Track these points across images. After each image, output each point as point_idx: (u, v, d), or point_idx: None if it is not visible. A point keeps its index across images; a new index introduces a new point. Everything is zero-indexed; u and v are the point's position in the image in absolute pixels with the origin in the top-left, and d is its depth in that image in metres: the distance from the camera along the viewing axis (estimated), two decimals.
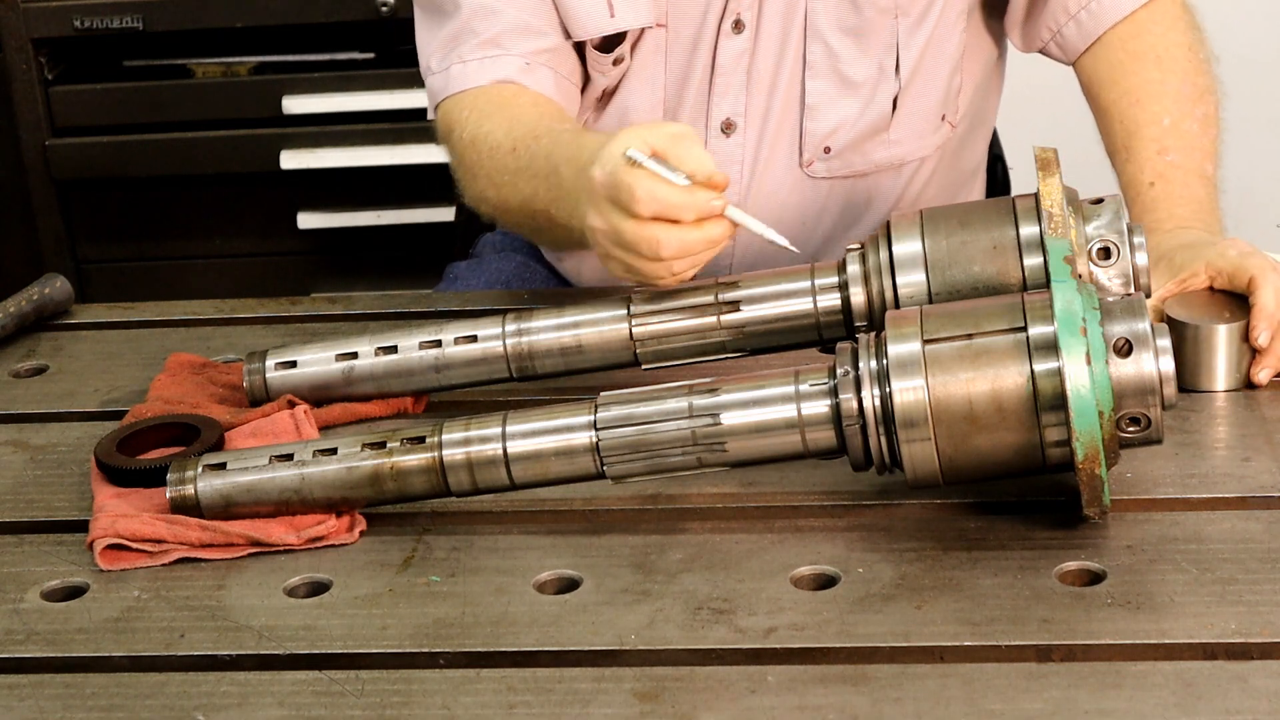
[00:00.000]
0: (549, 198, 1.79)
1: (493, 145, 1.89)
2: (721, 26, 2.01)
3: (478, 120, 1.93)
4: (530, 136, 1.85)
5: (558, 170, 1.77)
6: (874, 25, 2.02)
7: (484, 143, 1.90)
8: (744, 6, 2.00)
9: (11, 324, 2.02)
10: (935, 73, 2.08)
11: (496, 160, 1.88)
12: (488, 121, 1.92)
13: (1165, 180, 1.96)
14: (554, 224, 1.81)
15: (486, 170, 1.90)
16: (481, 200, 1.95)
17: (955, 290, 1.61)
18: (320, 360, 1.79)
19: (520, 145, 1.85)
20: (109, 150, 3.47)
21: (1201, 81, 2.02)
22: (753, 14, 2.01)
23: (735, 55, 2.02)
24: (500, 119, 1.91)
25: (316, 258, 3.60)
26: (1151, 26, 2.03)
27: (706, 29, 2.01)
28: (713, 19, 2.01)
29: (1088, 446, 1.42)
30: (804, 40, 2.03)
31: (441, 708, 1.35)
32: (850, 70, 2.04)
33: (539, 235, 1.97)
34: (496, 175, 1.88)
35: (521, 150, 1.85)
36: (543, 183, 1.80)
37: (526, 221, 1.89)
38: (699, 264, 1.64)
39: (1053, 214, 1.54)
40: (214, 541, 1.56)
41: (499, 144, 1.88)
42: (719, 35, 2.02)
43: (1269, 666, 1.34)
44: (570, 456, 1.55)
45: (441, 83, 1.99)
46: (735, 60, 2.03)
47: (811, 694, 1.34)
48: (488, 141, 1.90)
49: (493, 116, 1.92)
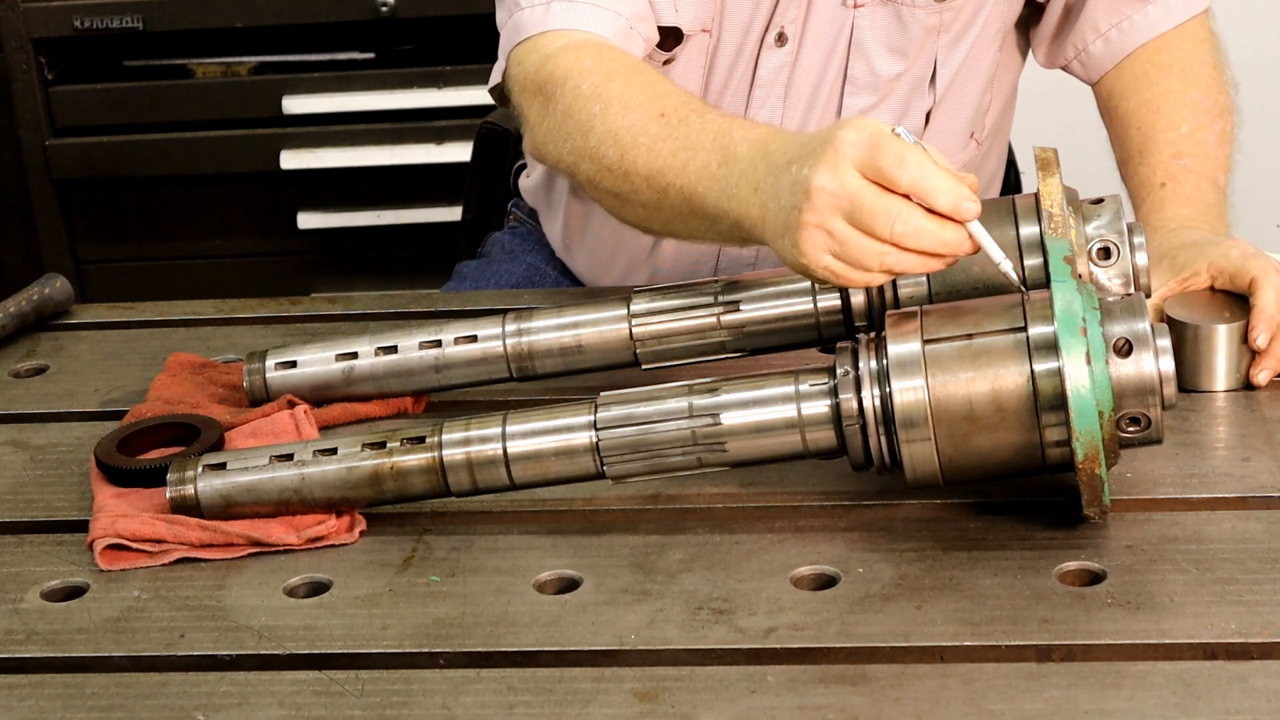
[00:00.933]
0: (702, 173, 1.66)
1: (629, 103, 1.74)
2: (765, 39, 2.00)
3: (607, 73, 1.78)
4: (687, 108, 1.73)
5: (732, 147, 1.64)
6: (917, 42, 2.01)
7: (617, 99, 1.75)
8: (789, 20, 1.99)
9: (11, 324, 2.02)
10: (968, 90, 2.08)
11: (632, 119, 1.73)
12: (620, 79, 1.78)
13: (1176, 181, 1.96)
14: (688, 203, 1.68)
15: (613, 127, 1.74)
16: (588, 158, 1.77)
17: (955, 290, 1.61)
18: (320, 360, 1.79)
19: (671, 113, 1.72)
20: (109, 150, 3.47)
21: (1222, 100, 2.03)
22: (797, 28, 1.99)
23: (776, 68, 2.02)
24: (640, 81, 1.78)
25: (316, 258, 3.60)
26: (1179, 43, 2.04)
27: (749, 40, 2.01)
28: (756, 30, 2.00)
29: (1088, 446, 1.42)
30: (847, 56, 2.02)
31: (441, 708, 1.35)
32: (889, 86, 2.03)
33: (648, 211, 1.77)
34: (627, 134, 1.72)
35: (673, 118, 1.71)
36: (699, 155, 1.66)
37: (645, 192, 1.73)
38: (906, 267, 1.51)
39: (1053, 214, 1.54)
40: (214, 541, 1.56)
41: (640, 104, 1.74)
42: (761, 47, 2.01)
43: (1269, 666, 1.34)
44: (570, 456, 1.55)
45: (538, 16, 1.85)
46: (775, 73, 2.02)
47: (811, 694, 1.34)
48: (622, 99, 1.75)
49: (626, 76, 1.78)
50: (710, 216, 1.66)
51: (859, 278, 1.53)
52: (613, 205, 1.81)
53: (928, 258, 1.50)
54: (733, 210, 1.63)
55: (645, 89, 1.76)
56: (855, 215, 1.49)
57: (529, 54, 1.85)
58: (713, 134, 1.67)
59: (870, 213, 1.48)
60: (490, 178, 2.47)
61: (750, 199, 1.60)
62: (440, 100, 3.38)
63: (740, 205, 1.62)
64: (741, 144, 1.64)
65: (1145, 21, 2.05)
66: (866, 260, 1.51)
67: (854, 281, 1.53)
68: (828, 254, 1.52)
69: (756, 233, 1.61)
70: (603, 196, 1.81)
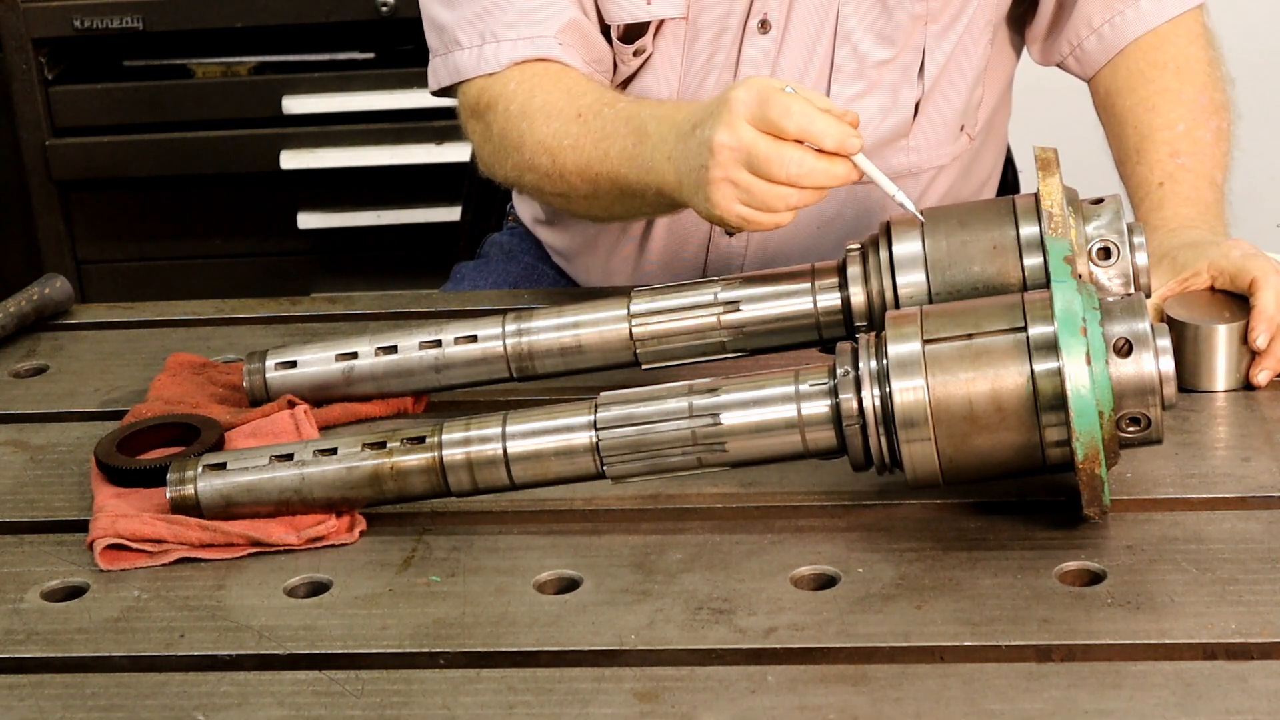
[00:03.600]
0: (622, 156, 1.81)
1: (551, 113, 1.89)
2: (747, 25, 2.01)
3: (529, 92, 1.93)
4: (600, 104, 1.87)
5: (642, 127, 1.80)
6: (904, 29, 2.02)
7: (540, 112, 1.90)
8: (771, 6, 2.00)
9: (11, 324, 2.02)
10: (958, 82, 2.08)
11: (555, 126, 1.88)
12: (541, 92, 1.92)
13: (1174, 181, 1.96)
14: (616, 185, 1.83)
15: (540, 137, 1.89)
16: (528, 169, 1.93)
17: (955, 290, 1.61)
18: (320, 360, 1.79)
19: (587, 112, 1.87)
20: (109, 150, 3.47)
21: (1218, 97, 2.03)
22: (781, 14, 2.00)
23: (760, 55, 2.02)
24: (557, 90, 1.92)
25: (316, 258, 3.60)
26: (1173, 39, 2.04)
27: (730, 26, 2.01)
28: (737, 16, 2.01)
29: (1088, 446, 1.42)
30: (833, 43, 2.02)
31: (441, 708, 1.35)
32: (876, 74, 2.04)
33: (589, 202, 1.93)
34: (553, 140, 1.88)
35: (589, 116, 1.86)
36: (616, 142, 1.82)
37: (580, 186, 1.88)
38: (807, 202, 1.66)
39: (1053, 214, 1.54)
40: (214, 541, 1.56)
41: (560, 110, 1.89)
42: (744, 34, 2.01)
43: (1269, 666, 1.34)
44: (570, 456, 1.55)
45: (472, 60, 1.98)
46: (760, 60, 2.02)
47: (811, 694, 1.34)
48: (545, 110, 1.90)
49: (546, 88, 1.92)
50: (637, 193, 1.83)
51: (768, 219, 1.68)
52: (560, 204, 1.99)
53: (823, 187, 1.66)
54: (652, 182, 1.79)
55: (563, 95, 1.91)
56: (754, 164, 1.65)
57: (469, 87, 2.02)
58: (624, 119, 1.83)
59: (766, 160, 1.64)
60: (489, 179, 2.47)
61: (665, 167, 1.76)
62: (440, 100, 3.37)
63: (658, 176, 1.78)
64: (650, 121, 1.80)
65: (1138, 16, 2.05)
66: (772, 202, 1.67)
67: (764, 224, 1.68)
68: (737, 203, 1.68)
69: (676, 196, 1.77)
70: (549, 199, 1.99)
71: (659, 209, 1.90)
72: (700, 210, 1.72)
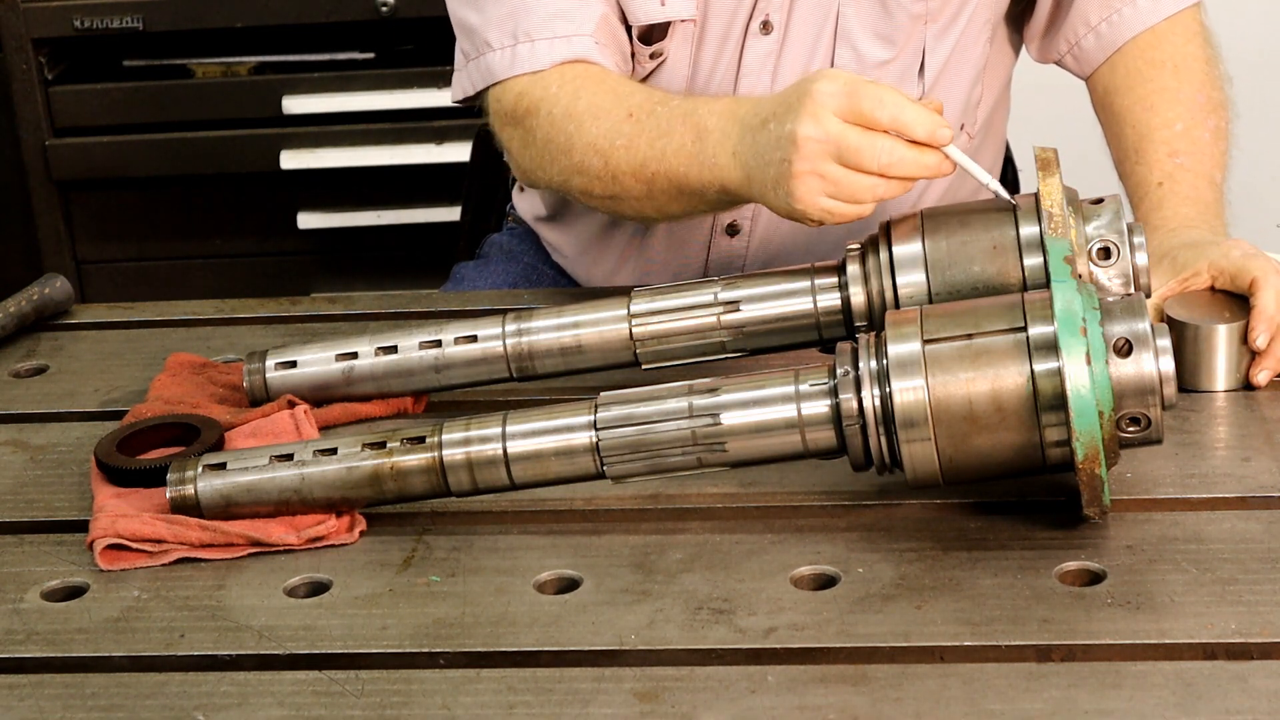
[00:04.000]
0: (680, 154, 1.78)
1: (599, 113, 1.86)
2: (750, 26, 2.01)
3: (573, 93, 1.89)
4: (651, 102, 1.84)
5: (702, 124, 1.77)
6: (904, 30, 2.02)
7: (587, 113, 1.87)
8: (774, 8, 2.00)
9: (11, 324, 2.02)
10: (958, 81, 2.08)
11: (605, 126, 1.85)
12: (586, 94, 1.88)
13: (1173, 180, 1.96)
14: (674, 185, 1.80)
15: (590, 139, 1.85)
16: (576, 173, 1.88)
17: (955, 290, 1.61)
18: (320, 360, 1.79)
19: (639, 111, 1.84)
20: (109, 150, 3.47)
21: (1216, 95, 2.03)
22: (782, 15, 2.00)
23: (762, 56, 2.02)
24: (602, 90, 1.88)
25: (316, 258, 3.60)
26: (1171, 37, 2.04)
27: (735, 27, 2.01)
28: (741, 17, 2.01)
29: (1088, 446, 1.42)
30: (833, 43, 2.02)
31: (441, 708, 1.35)
32: (876, 74, 2.04)
33: (642, 203, 1.88)
34: (604, 141, 1.84)
35: (641, 115, 1.83)
36: (674, 139, 1.79)
37: (634, 188, 1.84)
38: (894, 193, 1.65)
39: (1053, 214, 1.54)
40: (214, 541, 1.56)
41: (608, 111, 1.86)
42: (746, 35, 2.01)
43: (1269, 666, 1.34)
44: (570, 456, 1.55)
45: (505, 61, 1.94)
46: (761, 61, 2.02)
47: (811, 694, 1.34)
48: (592, 111, 1.86)
49: (591, 89, 1.89)
50: (697, 191, 1.80)
51: (853, 210, 1.67)
52: (609, 207, 1.92)
53: (914, 178, 1.65)
54: (716, 178, 1.77)
55: (609, 96, 1.87)
56: (844, 156, 1.64)
57: (504, 92, 1.95)
58: (680, 116, 1.80)
59: (857, 151, 1.63)
60: (489, 179, 2.47)
61: (730, 163, 1.74)
62: (440, 100, 3.37)
63: (722, 171, 1.75)
64: (709, 117, 1.78)
65: (1135, 14, 2.05)
66: (860, 194, 1.65)
67: (849, 216, 1.67)
68: (823, 196, 1.66)
69: (744, 192, 1.76)
70: (598, 203, 1.92)
71: (719, 206, 1.88)
72: (777, 206, 1.70)
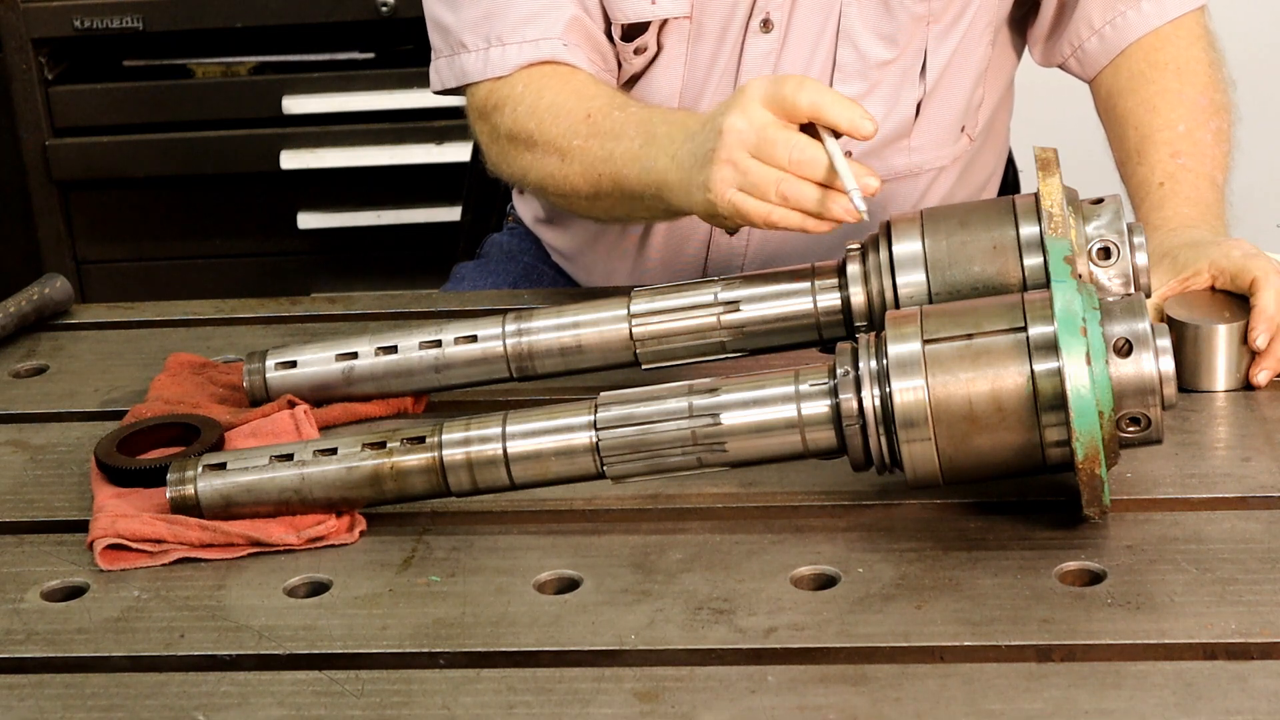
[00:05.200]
0: (626, 156, 1.81)
1: (560, 112, 1.90)
2: (750, 24, 2.01)
3: (537, 92, 1.93)
4: (610, 106, 1.87)
5: (652, 129, 1.80)
6: (906, 30, 2.02)
7: (548, 111, 1.91)
8: (774, 6, 2.00)
9: (11, 324, 2.02)
10: (959, 82, 2.08)
11: (564, 125, 1.89)
12: (549, 93, 1.93)
13: (1175, 180, 1.96)
14: (618, 186, 1.83)
15: (550, 136, 1.90)
16: (533, 168, 1.93)
17: (955, 290, 1.61)
18: (320, 360, 1.79)
19: (597, 113, 1.87)
20: (109, 150, 3.47)
21: (1219, 98, 2.03)
22: (783, 14, 2.01)
23: (762, 54, 2.02)
24: (566, 90, 1.92)
25: (316, 258, 3.60)
26: (1174, 40, 2.05)
27: (734, 25, 2.01)
28: (740, 15, 2.01)
29: (1088, 446, 1.42)
30: (835, 43, 2.03)
31: (441, 708, 1.35)
32: (878, 74, 2.04)
33: (591, 204, 1.92)
34: (562, 140, 1.88)
35: (599, 117, 1.86)
36: (623, 142, 1.82)
37: (583, 187, 1.88)
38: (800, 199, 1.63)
39: (1053, 214, 1.54)
40: (214, 541, 1.56)
41: (569, 110, 1.89)
42: (746, 32, 2.02)
43: (1269, 666, 1.34)
44: (570, 456, 1.55)
45: (479, 63, 1.99)
46: (762, 59, 2.03)
47: (811, 694, 1.34)
48: (553, 110, 1.91)
49: (555, 89, 1.93)
50: (636, 194, 1.82)
51: (758, 209, 1.65)
52: (563, 205, 1.99)
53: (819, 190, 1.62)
54: (652, 181, 1.78)
55: (573, 96, 1.91)
56: (760, 147, 1.64)
57: (477, 89, 2.01)
58: (635, 123, 1.83)
59: (772, 143, 1.63)
60: (489, 179, 2.47)
61: (667, 166, 1.76)
62: (440, 100, 3.37)
63: (658, 174, 1.77)
64: (661, 125, 1.81)
65: (1139, 18, 2.05)
66: (765, 187, 1.64)
67: (753, 214, 1.66)
68: (733, 186, 1.66)
69: (671, 195, 1.77)
70: (553, 199, 1.99)
71: (655, 213, 1.88)
72: (696, 201, 1.71)
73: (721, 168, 1.67)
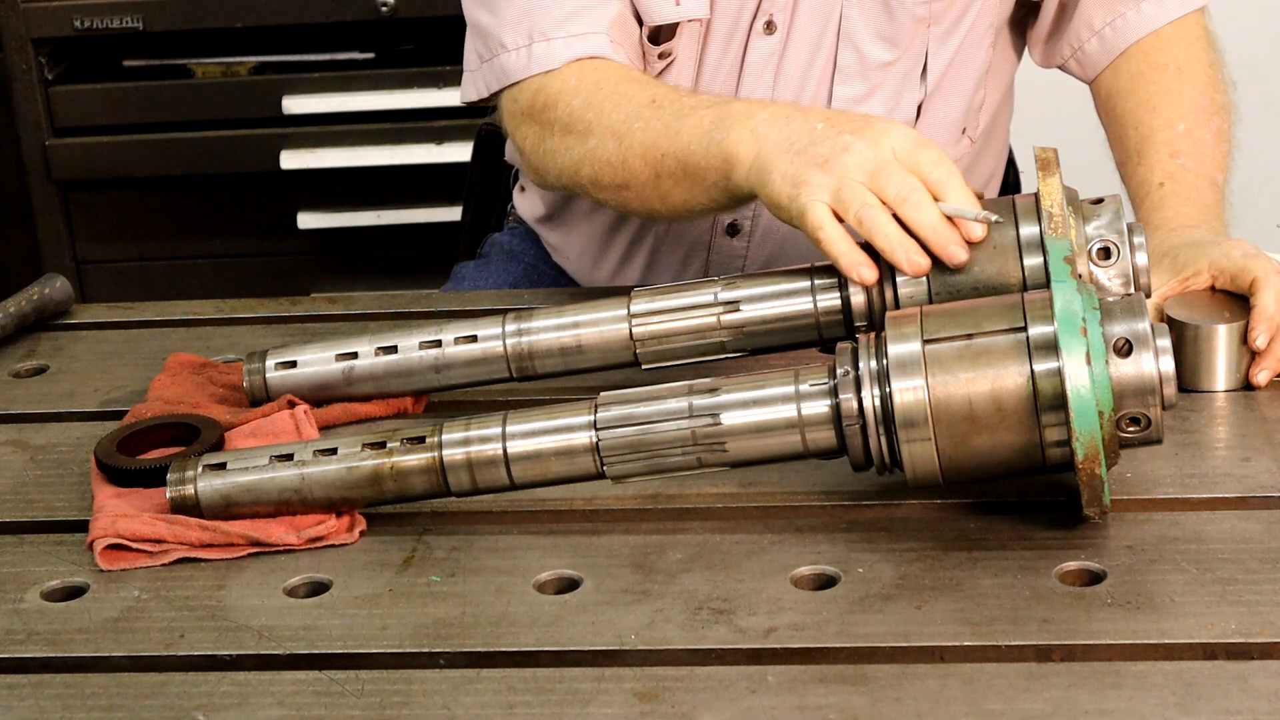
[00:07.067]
0: (695, 133, 1.74)
1: (620, 100, 1.84)
2: (754, 26, 2.01)
3: (594, 84, 1.87)
4: (676, 93, 1.82)
5: (727, 108, 1.74)
6: (907, 31, 2.02)
7: (608, 101, 1.84)
8: (777, 8, 2.00)
9: (11, 324, 2.02)
10: (960, 84, 2.08)
11: (627, 110, 1.82)
12: (607, 84, 1.87)
13: (1175, 181, 1.96)
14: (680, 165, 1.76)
15: (609, 123, 1.83)
16: (588, 159, 1.86)
17: (955, 290, 1.61)
18: (320, 360, 1.79)
19: (662, 98, 1.81)
20: (109, 150, 3.47)
21: (1219, 99, 2.03)
22: (786, 15, 2.01)
23: (765, 56, 2.03)
24: (625, 81, 1.87)
25: (316, 258, 3.60)
26: (1175, 41, 2.05)
27: (739, 27, 2.02)
28: (745, 17, 2.01)
29: (1088, 446, 1.42)
30: (836, 44, 2.03)
31: (441, 708, 1.35)
32: (879, 75, 2.04)
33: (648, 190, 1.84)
34: (623, 125, 1.81)
35: (665, 101, 1.80)
36: (691, 119, 1.76)
37: (642, 171, 1.81)
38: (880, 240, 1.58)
39: (1053, 214, 1.54)
40: (214, 541, 1.56)
41: (631, 97, 1.83)
42: (750, 34, 2.02)
43: (1269, 666, 1.34)
44: (570, 456, 1.55)
45: (521, 60, 1.93)
46: (764, 61, 2.03)
47: (811, 694, 1.34)
48: (614, 99, 1.84)
49: (613, 80, 1.87)
50: (700, 170, 1.74)
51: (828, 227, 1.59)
52: (617, 198, 1.88)
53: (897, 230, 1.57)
54: (722, 152, 1.71)
55: (634, 85, 1.85)
56: (875, 175, 1.59)
57: (520, 91, 1.94)
58: (707, 104, 1.77)
59: (888, 175, 1.59)
60: (490, 179, 2.47)
61: (745, 139, 1.69)
62: (440, 100, 3.38)
63: (731, 146, 1.70)
64: (734, 104, 1.75)
65: (1139, 19, 2.05)
66: (850, 204, 1.58)
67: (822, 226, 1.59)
68: (825, 195, 1.60)
69: (747, 169, 1.69)
70: (607, 194, 1.88)
71: (719, 194, 1.77)
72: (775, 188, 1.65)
73: (826, 175, 1.61)
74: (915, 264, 1.57)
